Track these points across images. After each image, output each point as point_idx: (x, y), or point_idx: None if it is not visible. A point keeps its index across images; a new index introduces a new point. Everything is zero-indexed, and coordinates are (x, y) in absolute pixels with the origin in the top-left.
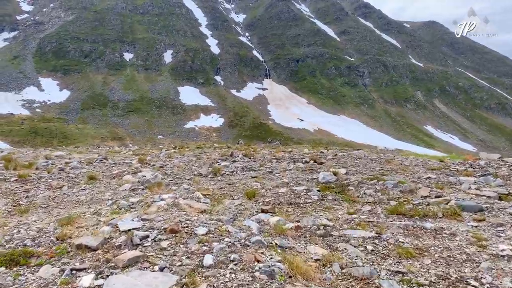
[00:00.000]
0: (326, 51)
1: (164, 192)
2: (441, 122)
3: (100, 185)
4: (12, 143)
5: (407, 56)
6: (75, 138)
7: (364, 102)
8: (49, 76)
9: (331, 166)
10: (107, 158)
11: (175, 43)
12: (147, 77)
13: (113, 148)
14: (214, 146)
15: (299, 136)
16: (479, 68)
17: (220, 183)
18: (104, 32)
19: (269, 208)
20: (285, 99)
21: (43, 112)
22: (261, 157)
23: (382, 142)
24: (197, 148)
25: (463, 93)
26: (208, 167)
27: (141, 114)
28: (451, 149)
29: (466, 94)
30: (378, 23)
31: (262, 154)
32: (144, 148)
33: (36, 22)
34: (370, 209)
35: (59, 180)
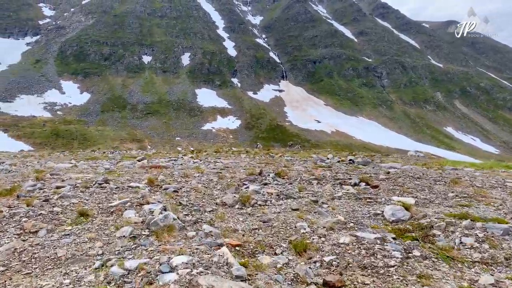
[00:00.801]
0: (344, 52)
1: (176, 242)
2: (462, 123)
3: (92, 227)
4: (34, 145)
5: (426, 56)
6: (95, 140)
7: (382, 103)
8: (70, 79)
9: (389, 190)
10: (108, 181)
11: (192, 45)
12: (165, 79)
13: (130, 152)
14: (232, 150)
15: (316, 138)
16: (501, 68)
17: (252, 220)
18: (123, 35)
19: (336, 280)
20: (302, 100)
21: (64, 115)
22: (297, 176)
23: (401, 143)
24: (215, 152)
25: (485, 93)
26: (234, 193)
27: (159, 116)
28: (473, 151)
29: (488, 95)
30: (396, 23)
31: (297, 172)
32: (161, 152)
33: (57, 26)
34: (494, 282)
35: (38, 219)
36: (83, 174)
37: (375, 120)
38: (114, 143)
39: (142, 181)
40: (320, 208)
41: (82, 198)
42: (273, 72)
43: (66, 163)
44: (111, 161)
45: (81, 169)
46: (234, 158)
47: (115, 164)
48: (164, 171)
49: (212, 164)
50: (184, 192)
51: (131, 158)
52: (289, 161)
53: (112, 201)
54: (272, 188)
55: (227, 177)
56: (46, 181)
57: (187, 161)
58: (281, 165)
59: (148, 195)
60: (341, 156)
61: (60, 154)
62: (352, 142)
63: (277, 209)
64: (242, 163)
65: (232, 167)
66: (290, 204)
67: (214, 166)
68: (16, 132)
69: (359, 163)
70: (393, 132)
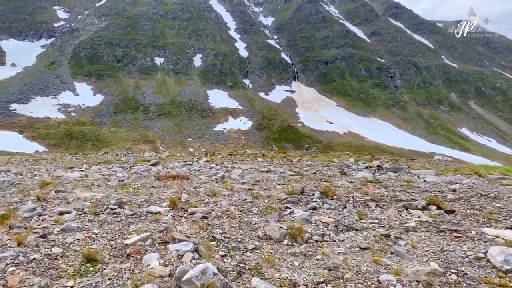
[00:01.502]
0: (356, 53)
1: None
2: (477, 124)
3: (101, 283)
4: (49, 146)
5: (440, 56)
6: (108, 141)
7: (395, 104)
8: (84, 80)
9: (470, 217)
10: (122, 205)
11: (204, 47)
12: (177, 81)
13: (143, 154)
14: (247, 153)
15: (329, 139)
16: None
17: (312, 266)
18: (136, 37)
19: None
20: (314, 101)
21: (78, 116)
22: (347, 194)
23: (414, 145)
24: (229, 155)
25: (501, 94)
26: (278, 221)
27: (172, 118)
28: (489, 153)
29: (503, 95)
30: (409, 23)
31: (344, 189)
32: (174, 155)
33: (71, 29)
34: None
35: (29, 269)
36: (93, 191)
37: (388, 121)
38: (126, 144)
39: (163, 202)
40: (397, 247)
41: (90, 231)
42: (284, 73)
43: (76, 171)
44: (124, 166)
45: (92, 180)
46: (251, 162)
47: (128, 170)
48: (184, 183)
49: (238, 176)
50: (215, 217)
51: (145, 162)
52: (310, 166)
53: (128, 235)
54: (325, 215)
55: (262, 196)
56: (48, 202)
57: (203, 166)
58: (329, 187)
59: (172, 225)
60: (364, 160)
61: (72, 157)
62: (365, 143)
63: (340, 247)
64: (274, 177)
65: (264, 181)
66: (355, 239)
67: (241, 179)
68: (31, 133)
69: (388, 169)
70: (406, 133)
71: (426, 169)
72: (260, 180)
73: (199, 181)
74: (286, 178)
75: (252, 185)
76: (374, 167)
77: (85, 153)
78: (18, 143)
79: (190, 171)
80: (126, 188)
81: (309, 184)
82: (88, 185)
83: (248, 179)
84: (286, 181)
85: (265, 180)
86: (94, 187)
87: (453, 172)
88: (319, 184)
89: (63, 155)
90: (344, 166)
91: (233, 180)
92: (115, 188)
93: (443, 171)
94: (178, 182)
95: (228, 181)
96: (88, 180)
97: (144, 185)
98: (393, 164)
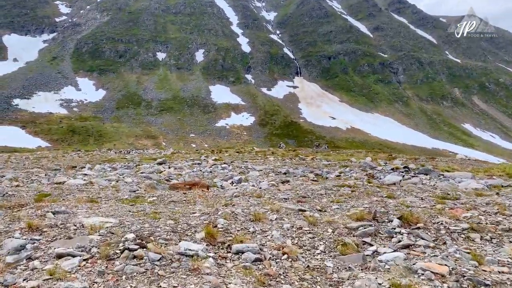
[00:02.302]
0: (359, 48)
1: None
2: (481, 120)
3: None
4: (51, 141)
5: (444, 52)
6: (110, 136)
7: (398, 100)
8: (86, 76)
9: None
10: (144, 241)
11: (206, 42)
12: (179, 76)
13: (146, 151)
14: (255, 151)
15: (331, 134)
16: None
17: None
18: (138, 32)
19: None
20: (317, 97)
21: (80, 111)
22: (430, 220)
23: (417, 141)
24: (237, 152)
25: (504, 89)
26: (364, 269)
27: (174, 113)
28: (492, 149)
29: (507, 91)
30: (412, 18)
31: (424, 211)
32: (179, 152)
33: (73, 23)
34: None
35: None
36: (100, 209)
37: (391, 117)
38: (129, 139)
39: (195, 231)
40: None
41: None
42: (287, 68)
43: (79, 176)
44: (129, 165)
45: (98, 189)
46: (262, 161)
47: (135, 172)
48: (208, 194)
49: (267, 185)
50: (271, 259)
51: (150, 160)
52: (327, 166)
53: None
54: (427, 258)
55: (320, 222)
56: (43, 234)
57: (214, 167)
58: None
59: (219, 278)
60: (380, 158)
61: (75, 154)
62: (368, 139)
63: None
64: (319, 189)
65: (311, 196)
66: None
67: (282, 195)
68: (34, 128)
69: (418, 172)
70: (409, 129)
71: (454, 170)
72: (306, 196)
73: (227, 192)
74: (335, 191)
75: (299, 202)
76: (400, 169)
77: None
78: (20, 138)
79: (202, 173)
80: (140, 203)
81: (372, 203)
82: (94, 198)
83: (289, 193)
84: (336, 195)
85: (311, 194)
86: (102, 202)
87: (483, 173)
88: (383, 201)
89: (65, 153)
90: (368, 167)
91: (268, 193)
92: (127, 203)
93: (474, 172)
94: (201, 195)
95: (263, 194)
96: (93, 190)
97: (161, 198)
98: (424, 167)
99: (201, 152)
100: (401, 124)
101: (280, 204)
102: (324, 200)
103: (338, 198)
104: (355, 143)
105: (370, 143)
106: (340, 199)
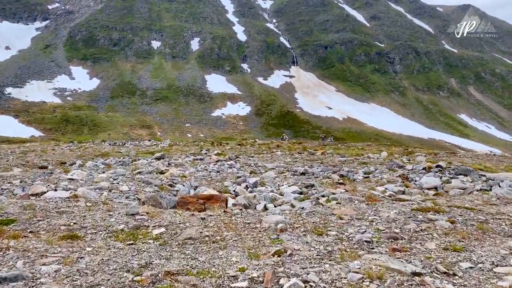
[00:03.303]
0: (356, 37)
1: None
2: (476, 110)
3: None
4: (45, 130)
5: (440, 41)
6: (104, 126)
7: (394, 90)
8: (79, 64)
9: None
10: None
11: (202, 30)
12: (174, 65)
13: (142, 142)
14: (258, 143)
15: (328, 124)
16: None
17: None
18: (132, 20)
19: None
20: (313, 86)
21: (74, 100)
22: None
23: (414, 131)
24: (238, 145)
25: (500, 80)
26: None
27: (169, 102)
28: (488, 139)
29: (503, 81)
30: (409, 7)
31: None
32: (177, 144)
33: (66, 11)
34: None
35: None
36: (82, 279)
37: (387, 107)
38: (123, 129)
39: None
40: None
41: None
42: (283, 58)
43: (63, 185)
44: (125, 160)
45: (84, 209)
46: (270, 156)
47: (131, 173)
48: (228, 213)
49: (287, 190)
50: None
51: (147, 154)
52: (343, 162)
53: None
54: None
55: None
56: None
57: (220, 164)
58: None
59: None
60: (396, 153)
61: (66, 147)
62: (364, 129)
63: None
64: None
65: (402, 235)
66: None
67: (355, 229)
68: (27, 117)
69: (455, 173)
70: (405, 119)
71: (487, 168)
72: (395, 236)
73: (264, 219)
74: (425, 221)
75: (394, 251)
76: (433, 168)
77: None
78: (13, 127)
79: (209, 173)
80: (142, 240)
81: (495, 245)
82: (76, 230)
83: (362, 226)
84: (437, 231)
85: (395, 228)
86: (87, 237)
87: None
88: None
89: (56, 145)
90: (395, 166)
91: (323, 219)
92: (123, 240)
93: (507, 169)
94: (227, 223)
95: (320, 226)
96: (77, 211)
97: (172, 231)
98: (461, 166)
99: (200, 145)
100: (397, 114)
101: (370, 259)
102: (430, 245)
103: (446, 239)
104: (352, 133)
105: (366, 133)
106: (453, 242)
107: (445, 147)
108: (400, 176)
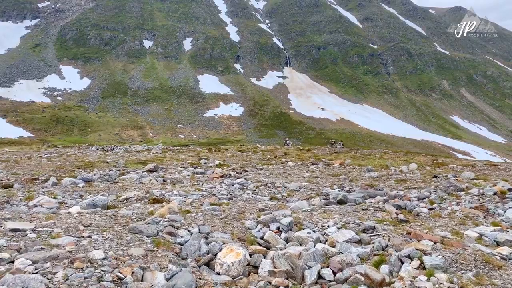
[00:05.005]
0: (349, 39)
1: None
2: (468, 112)
3: None
4: (34, 131)
5: (433, 43)
6: (95, 126)
7: (387, 91)
8: (70, 64)
9: None
10: None
11: (194, 30)
12: (166, 65)
13: (133, 147)
14: (261, 150)
15: (321, 126)
16: (508, 56)
17: None
18: (124, 19)
19: None
20: (306, 87)
21: (64, 100)
22: None
23: (407, 132)
24: (239, 151)
25: (492, 82)
26: None
27: (161, 103)
28: (480, 141)
29: (494, 83)
30: (402, 9)
31: None
32: (172, 150)
33: (57, 9)
34: None
35: None
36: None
37: (380, 108)
38: (114, 130)
39: None
40: None
41: None
42: (276, 58)
43: (26, 221)
44: (110, 174)
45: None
46: (281, 168)
47: (116, 194)
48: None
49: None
50: None
51: (138, 165)
52: (376, 179)
53: None
54: None
55: None
56: None
57: (229, 185)
58: None
59: None
60: (425, 164)
61: (46, 155)
62: (357, 130)
63: None
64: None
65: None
66: None
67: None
68: (15, 117)
69: None
70: (398, 120)
71: None
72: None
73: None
74: None
75: None
76: (506, 193)
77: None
78: (1, 128)
79: (219, 199)
80: None
81: None
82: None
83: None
84: None
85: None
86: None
87: None
88: None
89: (36, 151)
90: (452, 187)
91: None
92: None
93: None
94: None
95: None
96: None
97: None
98: (470, 171)
99: (197, 151)
100: (390, 116)
101: None
102: None
103: None
104: (345, 135)
105: (360, 134)
106: None
107: (438, 148)
108: (477, 208)
